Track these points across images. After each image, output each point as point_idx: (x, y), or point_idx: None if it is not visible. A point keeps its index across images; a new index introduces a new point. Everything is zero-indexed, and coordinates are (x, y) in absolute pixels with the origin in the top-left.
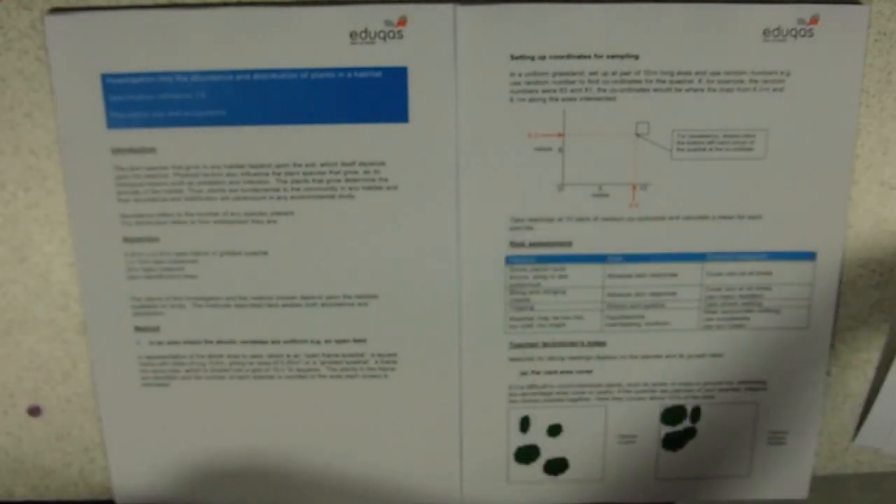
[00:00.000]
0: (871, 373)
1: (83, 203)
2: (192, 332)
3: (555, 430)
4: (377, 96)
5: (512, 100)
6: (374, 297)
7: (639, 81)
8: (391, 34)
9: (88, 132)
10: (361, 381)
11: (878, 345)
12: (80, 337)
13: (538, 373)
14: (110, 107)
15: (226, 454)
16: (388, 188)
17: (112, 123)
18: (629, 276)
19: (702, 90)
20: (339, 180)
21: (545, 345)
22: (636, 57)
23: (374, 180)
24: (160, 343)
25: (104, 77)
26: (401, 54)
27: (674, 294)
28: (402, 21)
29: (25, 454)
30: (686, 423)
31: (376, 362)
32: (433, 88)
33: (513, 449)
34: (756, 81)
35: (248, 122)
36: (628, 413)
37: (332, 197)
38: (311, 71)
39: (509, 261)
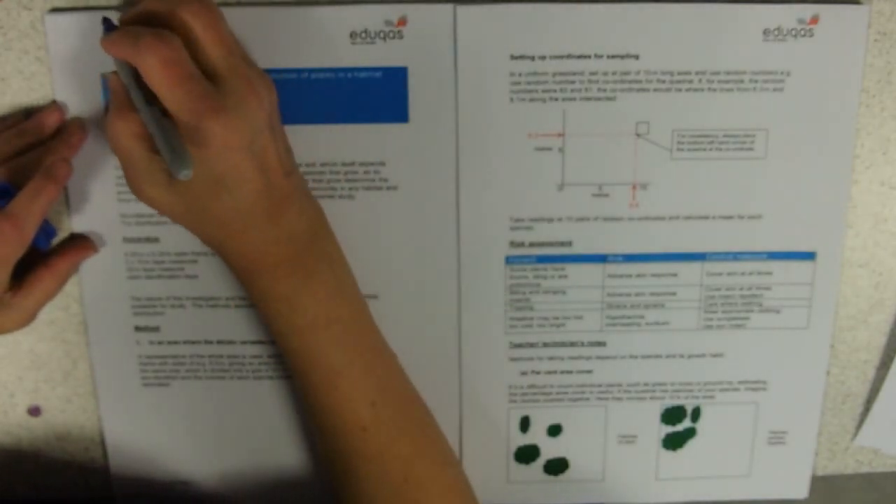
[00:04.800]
0: (871, 373)
1: (83, 203)
2: (192, 332)
3: (555, 430)
4: (377, 96)
5: (512, 100)
6: (374, 297)
7: (639, 81)
8: (391, 34)
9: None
10: None
11: (878, 345)
12: (80, 337)
13: (538, 373)
14: None
15: (225, 454)
16: (388, 188)
17: None
18: (629, 276)
19: (702, 90)
20: (339, 180)
21: (545, 345)
22: (636, 57)
23: (374, 180)
24: (160, 343)
25: (104, 77)
26: (401, 54)
27: (674, 294)
28: (402, 21)
29: (25, 454)
30: (686, 423)
31: None
32: (433, 88)
33: (513, 449)
34: (756, 81)
35: None
36: (628, 413)
37: (332, 197)
38: (311, 71)
39: (509, 261)
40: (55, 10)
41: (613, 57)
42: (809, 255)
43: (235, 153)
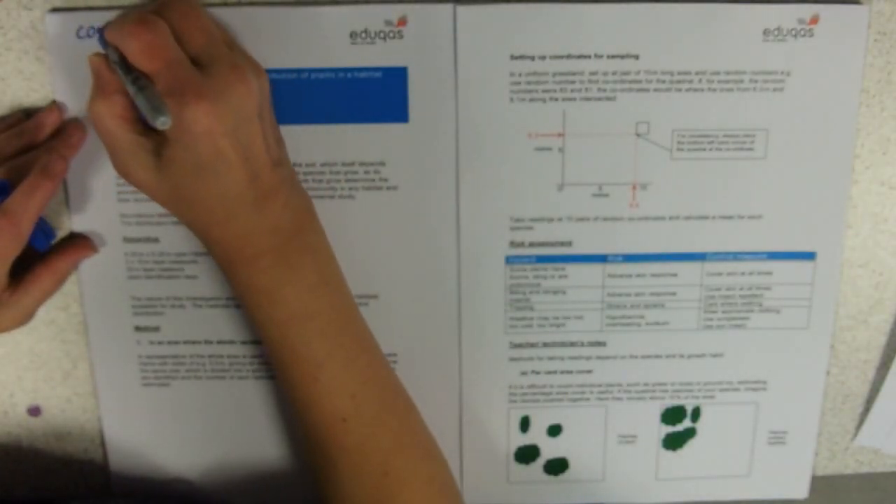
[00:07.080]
0: (871, 373)
1: (83, 203)
2: (192, 332)
3: (555, 430)
4: (377, 96)
5: (512, 100)
6: (374, 297)
7: (639, 81)
8: (391, 34)
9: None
10: None
11: (878, 345)
12: (80, 337)
13: (538, 373)
14: None
15: (225, 454)
16: (388, 188)
17: None
18: (629, 276)
19: (702, 90)
20: (339, 180)
21: (545, 345)
22: (636, 57)
23: (374, 180)
24: (160, 343)
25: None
26: (401, 54)
27: (674, 294)
28: (402, 21)
29: (25, 454)
30: (686, 423)
31: None
32: (433, 88)
33: (513, 449)
34: (756, 81)
35: None
36: (628, 413)
37: (332, 197)
38: (311, 71)
39: (509, 261)
40: (55, 10)
41: (613, 57)
42: (809, 255)
43: (218, 139)
